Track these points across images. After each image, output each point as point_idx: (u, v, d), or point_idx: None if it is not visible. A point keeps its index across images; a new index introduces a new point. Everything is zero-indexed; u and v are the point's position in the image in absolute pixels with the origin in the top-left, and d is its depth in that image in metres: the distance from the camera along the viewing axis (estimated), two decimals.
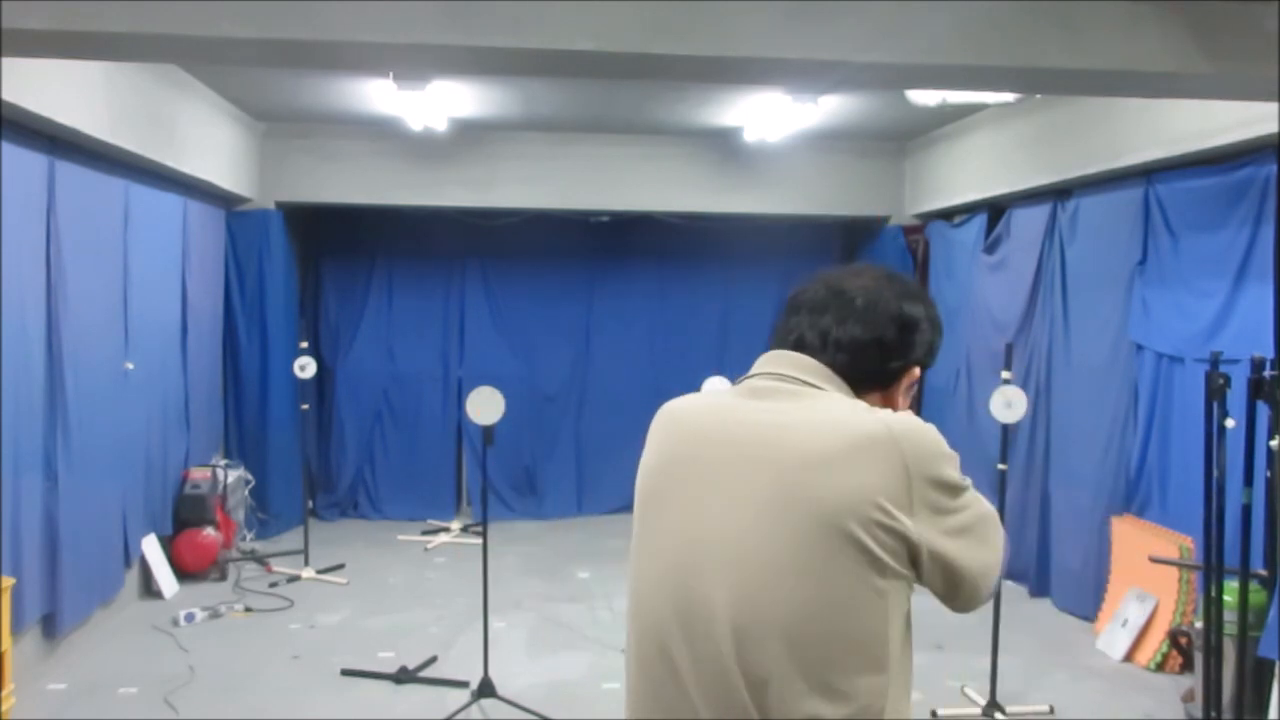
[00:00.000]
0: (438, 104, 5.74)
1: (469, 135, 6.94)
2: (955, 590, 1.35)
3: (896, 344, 1.42)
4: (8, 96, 3.65)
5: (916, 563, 1.30)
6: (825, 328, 1.42)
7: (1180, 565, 4.47)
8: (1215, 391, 3.28)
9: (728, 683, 1.27)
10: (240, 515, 6.56)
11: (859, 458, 1.28)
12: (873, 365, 1.42)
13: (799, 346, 1.43)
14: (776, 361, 1.43)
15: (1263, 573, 3.67)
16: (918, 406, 6.38)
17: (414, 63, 3.52)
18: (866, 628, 1.28)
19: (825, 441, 1.30)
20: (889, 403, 1.44)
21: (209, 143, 5.95)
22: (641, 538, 1.42)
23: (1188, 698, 4.15)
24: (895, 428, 1.30)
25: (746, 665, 1.27)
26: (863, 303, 1.41)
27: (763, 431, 1.34)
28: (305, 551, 6.18)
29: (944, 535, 1.31)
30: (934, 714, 4.11)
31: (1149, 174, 4.97)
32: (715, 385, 4.89)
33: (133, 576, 5.46)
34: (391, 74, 4.94)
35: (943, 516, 1.31)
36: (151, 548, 5.58)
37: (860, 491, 1.26)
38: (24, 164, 4.20)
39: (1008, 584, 5.46)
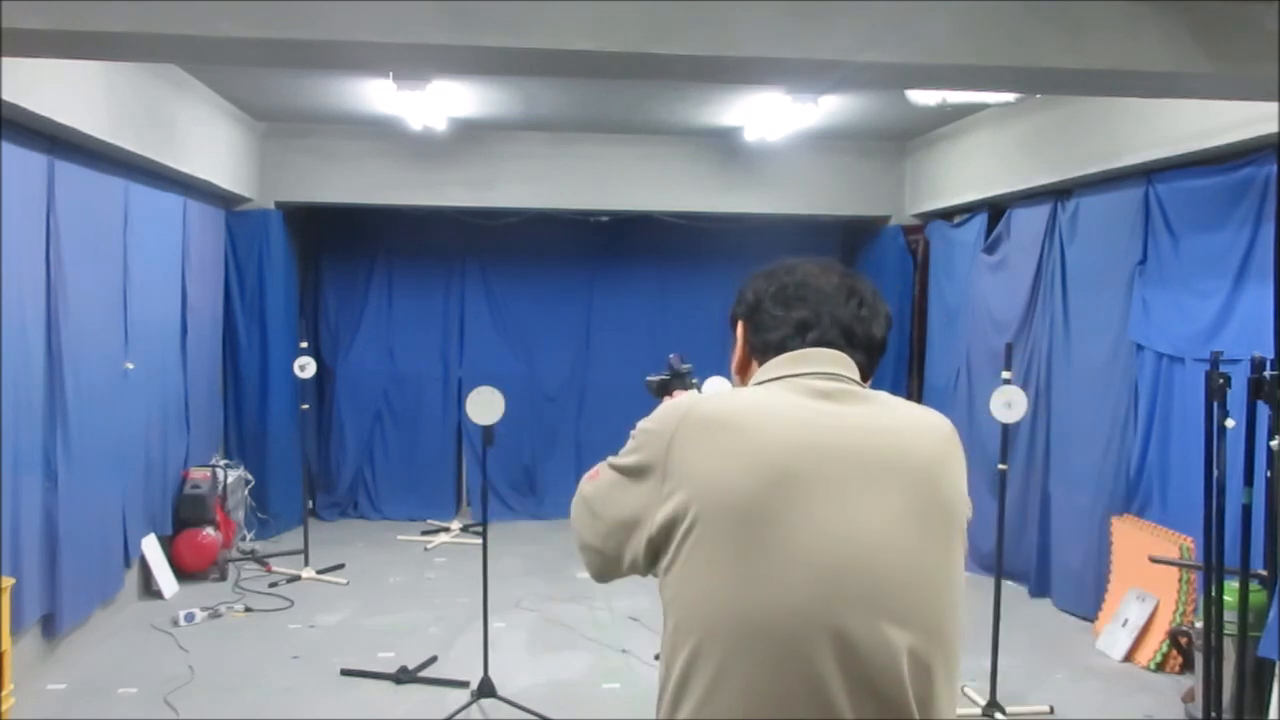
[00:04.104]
0: (437, 104, 5.74)
1: (469, 135, 6.94)
2: None
3: (886, 343, 1.46)
4: (8, 96, 3.65)
5: None
6: (847, 326, 1.39)
7: (1180, 565, 4.47)
8: (1215, 391, 3.28)
9: (899, 705, 1.22)
10: (240, 515, 6.56)
11: (953, 457, 1.34)
12: (875, 364, 1.44)
13: (822, 344, 1.38)
14: (823, 360, 1.37)
15: (1263, 573, 3.66)
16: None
17: (414, 63, 3.52)
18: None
19: (929, 444, 1.33)
20: None
21: (209, 143, 5.95)
22: (750, 551, 1.23)
23: (1188, 698, 4.15)
24: (947, 424, 1.39)
25: (917, 686, 1.23)
26: (868, 311, 1.42)
27: (871, 439, 1.30)
28: (305, 551, 6.17)
29: None
30: None
31: (1149, 174, 4.97)
32: (717, 386, 4.89)
33: (132, 576, 5.46)
34: (391, 74, 4.94)
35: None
36: (151, 548, 5.58)
37: (962, 490, 1.35)
38: (24, 164, 4.20)
39: (1008, 584, 5.46)
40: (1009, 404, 4.10)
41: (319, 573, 6.07)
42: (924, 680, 1.24)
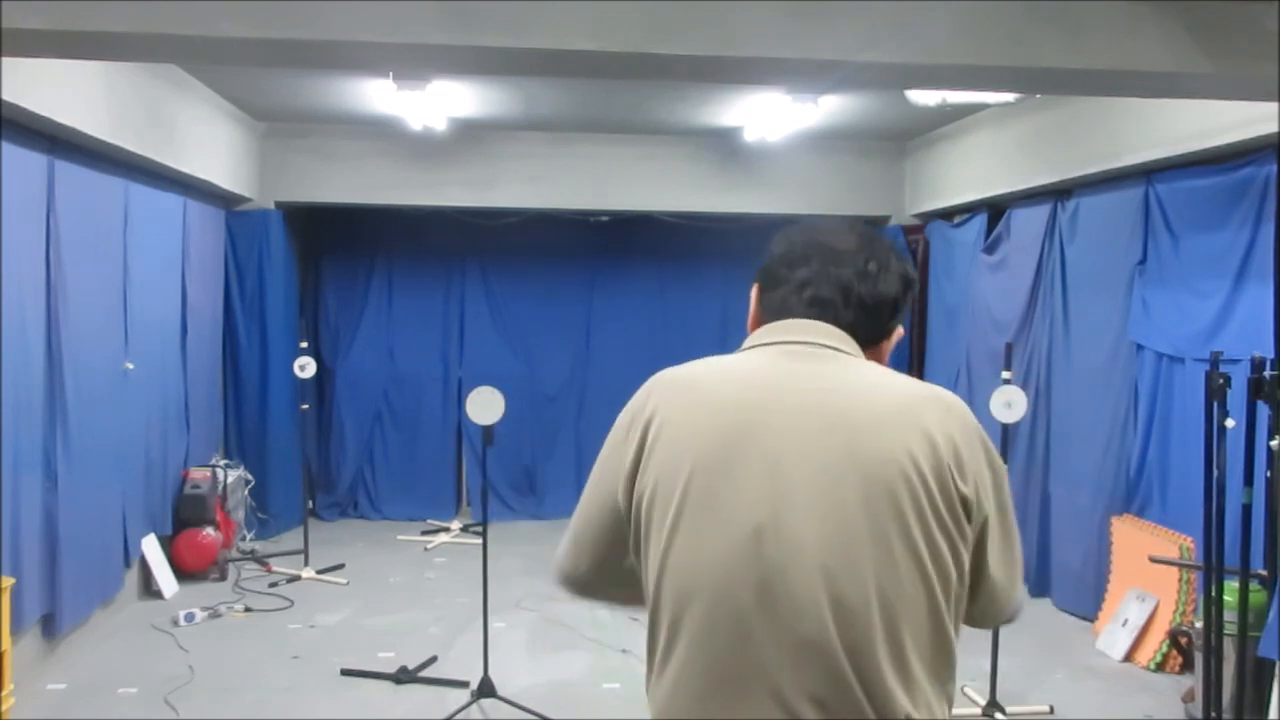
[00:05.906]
0: (437, 104, 5.74)
1: (469, 135, 6.94)
2: (975, 592, 1.34)
3: (899, 302, 1.43)
4: (8, 96, 3.65)
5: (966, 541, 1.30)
6: (845, 284, 1.39)
7: (1180, 565, 4.47)
8: (1215, 391, 3.28)
9: (826, 652, 1.23)
10: (240, 515, 6.56)
11: (924, 426, 1.28)
12: (883, 323, 1.42)
13: (816, 302, 1.39)
14: (805, 330, 1.38)
15: (1263, 573, 3.66)
16: None
17: (414, 63, 3.52)
18: (944, 611, 1.27)
19: (888, 410, 1.29)
20: (878, 360, 1.43)
21: (209, 143, 5.95)
22: (694, 511, 1.30)
23: (1188, 698, 4.15)
24: (944, 397, 1.33)
25: (846, 635, 1.23)
26: (876, 265, 1.40)
27: (827, 398, 1.31)
28: (305, 551, 6.18)
29: (993, 511, 1.32)
30: None
31: (1149, 174, 4.97)
32: None
33: (132, 576, 5.46)
34: (391, 74, 4.94)
35: (991, 491, 1.32)
36: (151, 548, 5.58)
37: (936, 460, 1.26)
38: (24, 164, 4.20)
39: None
40: (1009, 404, 4.10)
41: (319, 573, 6.07)
42: (857, 628, 1.23)
